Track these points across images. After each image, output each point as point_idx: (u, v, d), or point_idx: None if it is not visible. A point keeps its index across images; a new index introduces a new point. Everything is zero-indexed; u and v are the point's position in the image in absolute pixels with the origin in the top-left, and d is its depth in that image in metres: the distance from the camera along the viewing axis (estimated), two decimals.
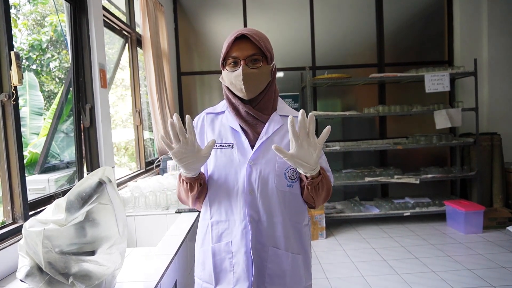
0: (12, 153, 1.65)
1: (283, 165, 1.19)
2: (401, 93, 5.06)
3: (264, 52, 1.19)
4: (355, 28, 5.04)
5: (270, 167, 1.18)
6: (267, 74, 1.21)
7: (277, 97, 1.29)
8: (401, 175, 4.46)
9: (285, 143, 1.20)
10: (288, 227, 1.20)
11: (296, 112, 1.24)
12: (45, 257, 1.08)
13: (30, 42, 5.31)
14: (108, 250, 1.17)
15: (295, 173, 1.19)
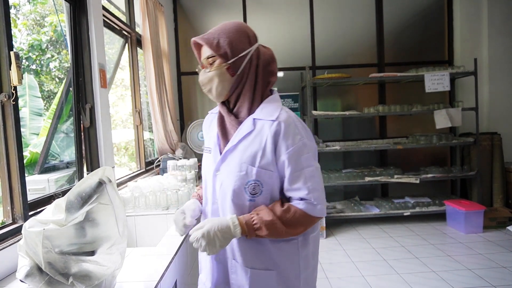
0: (12, 153, 1.65)
1: (243, 179, 1.08)
2: (401, 93, 5.05)
3: (218, 50, 1.08)
4: (355, 27, 5.03)
5: (230, 179, 1.09)
6: (224, 73, 1.10)
7: (257, 98, 1.13)
8: (401, 175, 4.46)
9: (249, 153, 1.07)
10: (247, 243, 1.10)
11: (274, 114, 1.08)
12: (45, 257, 1.08)
13: (30, 42, 5.31)
14: (108, 250, 1.17)
15: (257, 188, 1.07)
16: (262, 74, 1.11)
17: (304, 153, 1.05)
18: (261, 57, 1.12)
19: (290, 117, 1.08)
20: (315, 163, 1.08)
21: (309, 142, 1.09)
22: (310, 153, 1.07)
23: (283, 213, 1.03)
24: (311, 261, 1.16)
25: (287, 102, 4.72)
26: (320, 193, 1.07)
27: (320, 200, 1.06)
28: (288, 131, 1.05)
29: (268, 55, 1.15)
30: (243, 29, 1.11)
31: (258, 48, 1.13)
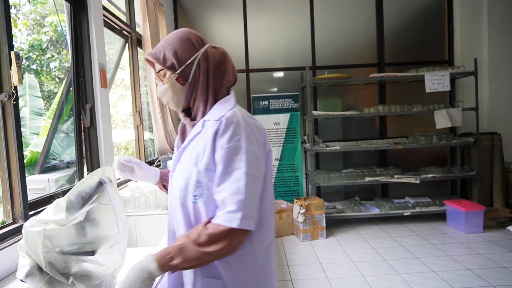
0: (12, 153, 1.65)
1: (188, 179, 1.04)
2: (401, 93, 5.05)
3: (165, 63, 1.08)
4: (355, 28, 5.03)
5: (178, 180, 1.07)
6: (175, 84, 1.09)
7: (211, 100, 1.09)
8: (401, 175, 4.46)
9: (194, 153, 1.05)
10: None
11: (220, 114, 1.04)
12: (45, 257, 1.08)
13: (30, 42, 5.31)
14: (109, 250, 1.18)
15: (198, 190, 1.02)
16: (213, 76, 1.09)
17: (239, 154, 0.97)
18: (210, 59, 1.09)
19: (235, 116, 1.02)
20: (248, 168, 0.96)
21: (249, 146, 0.98)
22: (244, 155, 0.97)
23: (197, 234, 0.95)
24: (260, 271, 1.07)
25: (287, 102, 4.73)
26: (244, 199, 0.94)
27: (242, 207, 0.94)
28: (227, 130, 0.99)
29: (218, 55, 1.11)
30: (186, 36, 1.09)
31: (206, 51, 1.10)
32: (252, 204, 0.97)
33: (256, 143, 1.02)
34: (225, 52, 1.14)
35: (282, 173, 4.75)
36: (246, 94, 5.01)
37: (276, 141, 4.74)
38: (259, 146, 1.04)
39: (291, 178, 4.75)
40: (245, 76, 5.00)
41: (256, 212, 0.99)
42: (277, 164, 4.75)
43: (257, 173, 1.00)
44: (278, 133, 4.73)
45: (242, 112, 1.07)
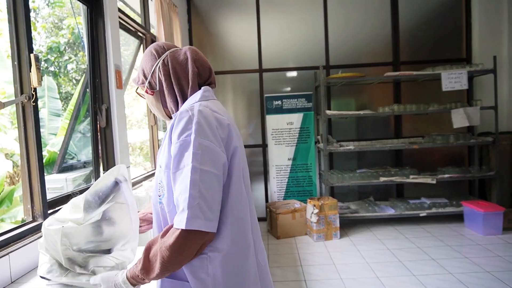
0: (32, 153, 1.70)
1: (157, 177, 1.04)
2: (417, 92, 4.97)
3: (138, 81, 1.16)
4: (369, 26, 4.98)
5: (155, 176, 1.08)
6: (148, 96, 1.15)
7: (181, 100, 1.09)
8: (417, 175, 4.39)
9: (162, 148, 1.04)
10: None
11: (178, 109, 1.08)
12: (64, 253, 1.11)
13: (49, 45, 5.44)
14: (122, 247, 1.20)
15: (161, 189, 1.00)
16: (176, 77, 1.09)
17: (188, 150, 0.91)
18: (171, 62, 1.09)
19: (190, 111, 0.96)
20: (196, 163, 0.89)
21: (200, 140, 0.91)
22: (193, 151, 0.90)
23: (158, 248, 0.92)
24: (226, 281, 0.99)
25: (300, 102, 4.71)
26: (190, 197, 0.88)
27: (188, 205, 0.87)
28: (178, 124, 0.95)
29: (181, 55, 1.10)
30: (148, 50, 1.15)
31: (168, 56, 1.10)
32: (205, 203, 0.89)
33: (212, 136, 0.94)
34: (188, 49, 1.11)
35: (296, 173, 4.73)
36: (259, 94, 5.01)
37: (290, 141, 4.73)
38: (217, 140, 0.95)
39: (305, 178, 4.74)
40: (258, 76, 5.01)
41: (212, 212, 0.91)
42: (291, 164, 4.74)
43: (211, 169, 0.91)
44: (291, 132, 4.72)
45: (205, 106, 1.00)
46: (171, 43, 1.18)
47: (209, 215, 0.90)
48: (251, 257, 1.04)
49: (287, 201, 4.58)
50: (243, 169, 1.05)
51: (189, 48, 1.14)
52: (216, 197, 0.93)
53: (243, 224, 1.01)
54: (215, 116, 0.99)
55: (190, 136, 0.92)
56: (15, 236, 1.54)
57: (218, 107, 1.05)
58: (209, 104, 1.03)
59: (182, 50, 1.13)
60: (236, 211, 0.99)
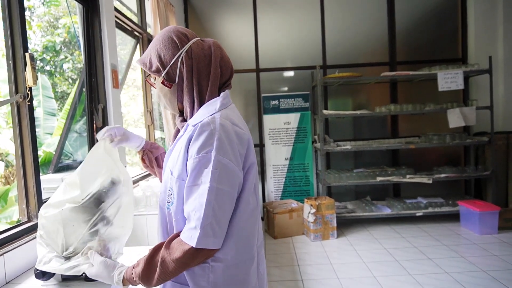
0: (27, 153, 1.68)
1: (167, 183, 1.01)
2: (414, 92, 4.99)
3: (151, 68, 1.04)
4: (366, 26, 4.99)
5: (164, 180, 1.04)
6: (163, 87, 1.05)
7: (197, 102, 1.02)
8: (413, 175, 4.40)
9: (172, 159, 1.01)
10: None
11: (199, 119, 0.97)
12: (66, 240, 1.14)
13: (44, 44, 5.40)
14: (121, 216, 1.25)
15: (170, 196, 0.98)
16: (198, 74, 1.01)
17: (207, 167, 0.90)
18: (195, 55, 1.01)
19: (211, 124, 0.93)
20: (213, 183, 0.89)
21: (220, 158, 0.90)
22: (212, 169, 0.89)
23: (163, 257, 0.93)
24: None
25: (297, 102, 4.71)
26: (204, 217, 0.88)
27: (201, 225, 0.88)
28: (198, 138, 0.92)
29: (205, 49, 1.03)
30: (168, 35, 1.03)
31: (191, 47, 1.01)
32: (216, 222, 0.90)
33: (232, 154, 0.93)
34: (213, 45, 1.04)
35: (293, 173, 4.73)
36: (256, 93, 5.01)
37: (287, 140, 4.73)
38: (236, 158, 0.94)
39: (302, 178, 4.74)
40: (255, 75, 5.00)
41: (221, 229, 0.92)
42: (288, 164, 4.74)
43: (226, 188, 0.91)
44: (288, 132, 4.72)
45: (225, 117, 0.97)
46: (190, 30, 1.07)
47: (218, 233, 0.91)
48: (253, 268, 1.03)
49: (284, 200, 4.57)
50: (255, 182, 1.04)
51: (214, 42, 1.05)
52: (226, 215, 0.94)
53: (248, 235, 1.00)
54: (235, 130, 0.97)
55: (211, 152, 0.90)
56: (10, 236, 1.52)
57: (236, 117, 1.03)
58: (229, 115, 1.00)
59: (206, 44, 1.05)
60: (243, 223, 0.98)
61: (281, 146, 4.73)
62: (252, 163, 1.00)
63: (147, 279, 0.95)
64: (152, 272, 0.94)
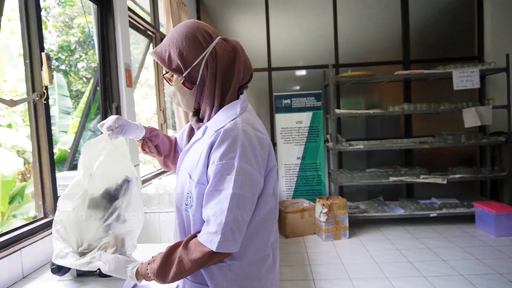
0: (44, 151, 1.71)
1: (184, 185, 1.00)
2: (428, 91, 4.92)
3: (170, 66, 1.00)
4: (379, 24, 4.93)
5: (179, 182, 1.05)
6: (182, 87, 1.02)
7: (217, 104, 1.00)
8: (427, 175, 4.34)
9: (190, 161, 1.00)
10: None
11: (221, 124, 0.96)
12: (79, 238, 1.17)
13: (60, 43, 5.50)
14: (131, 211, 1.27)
15: (189, 199, 0.98)
16: (221, 78, 0.99)
17: (230, 174, 0.90)
18: (219, 57, 0.99)
19: (234, 130, 0.93)
20: (236, 190, 0.89)
21: (243, 165, 0.90)
22: (235, 176, 0.90)
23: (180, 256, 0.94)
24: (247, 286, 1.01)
25: (310, 101, 4.69)
26: (225, 223, 0.89)
27: (221, 230, 0.89)
28: (221, 144, 0.92)
29: (229, 51, 1.01)
30: (192, 34, 0.98)
31: (215, 48, 0.99)
32: (236, 227, 0.91)
33: (254, 160, 0.93)
34: (237, 46, 1.02)
35: (304, 172, 4.71)
36: (268, 92, 5.00)
37: (299, 139, 4.71)
38: (258, 164, 0.94)
39: (314, 177, 4.72)
40: (267, 74, 4.99)
41: (240, 234, 0.93)
42: (299, 163, 4.72)
43: (248, 194, 0.92)
44: (300, 131, 4.70)
45: (247, 122, 0.97)
46: (212, 28, 1.03)
47: (238, 237, 0.93)
48: (268, 265, 1.04)
49: (296, 200, 4.56)
50: (274, 184, 1.04)
51: (238, 43, 1.03)
52: (246, 219, 0.95)
53: (265, 235, 1.02)
54: (257, 135, 0.97)
55: (234, 159, 0.91)
56: (27, 232, 1.55)
57: (256, 120, 1.03)
58: (249, 119, 0.99)
59: (229, 45, 1.02)
60: (261, 224, 0.99)
61: (293, 145, 4.72)
62: (273, 166, 1.01)
63: (162, 275, 0.96)
64: (168, 270, 0.95)
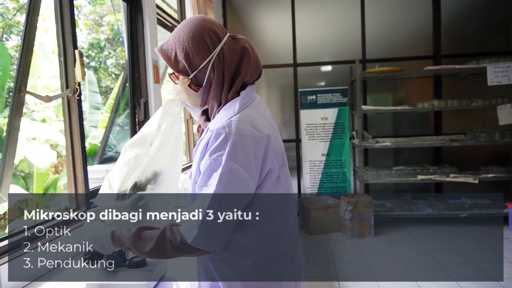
0: (76, 145, 1.78)
1: (193, 185, 1.00)
2: (459, 87, 4.73)
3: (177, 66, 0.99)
4: (409, 17, 4.78)
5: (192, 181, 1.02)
6: (188, 88, 1.00)
7: (222, 103, 0.99)
8: (457, 174, 4.19)
9: (194, 164, 0.99)
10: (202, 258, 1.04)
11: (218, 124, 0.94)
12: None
13: (90, 41, 5.67)
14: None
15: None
16: (228, 80, 0.98)
17: (216, 171, 0.89)
18: (227, 58, 0.97)
19: (227, 127, 0.91)
20: (219, 188, 0.89)
21: (231, 164, 0.89)
22: (220, 174, 0.89)
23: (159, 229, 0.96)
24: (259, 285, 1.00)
25: (335, 97, 4.62)
26: (203, 219, 0.89)
27: (199, 225, 0.89)
28: (213, 142, 0.91)
29: (237, 52, 0.99)
30: (199, 34, 0.96)
31: (222, 49, 0.97)
32: (214, 225, 0.89)
33: (244, 159, 0.90)
34: (246, 46, 1.00)
35: (329, 169, 4.67)
36: (293, 88, 4.97)
37: (324, 136, 4.67)
38: (248, 163, 0.91)
39: (338, 174, 4.66)
40: (292, 70, 4.96)
41: (219, 234, 0.91)
42: (324, 160, 4.68)
43: (232, 194, 0.90)
44: (325, 128, 4.65)
45: (244, 120, 0.93)
46: (217, 22, 1.02)
47: (215, 238, 0.91)
48: (286, 264, 1.02)
49: (320, 197, 4.53)
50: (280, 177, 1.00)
51: (246, 42, 1.01)
52: (230, 222, 0.92)
53: (275, 232, 0.99)
54: (253, 134, 0.93)
55: (222, 157, 0.90)
56: (60, 223, 1.62)
57: (258, 116, 0.98)
58: (250, 116, 0.96)
59: (238, 44, 1.00)
60: (269, 220, 0.97)
61: (317, 142, 4.67)
62: (272, 167, 0.96)
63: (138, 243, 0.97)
64: (146, 242, 0.95)
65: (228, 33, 1.02)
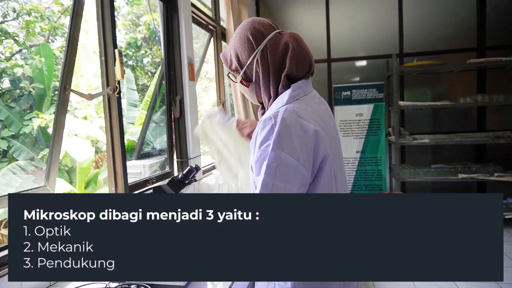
0: (116, 141, 1.85)
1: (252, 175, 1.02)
2: (505, 80, 4.45)
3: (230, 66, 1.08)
4: (451, 8, 4.55)
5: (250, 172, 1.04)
6: (241, 86, 1.09)
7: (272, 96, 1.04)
8: (502, 173, 3.96)
9: (251, 150, 1.02)
10: None
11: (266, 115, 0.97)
12: None
13: (127, 40, 5.86)
14: None
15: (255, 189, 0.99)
16: (274, 74, 1.02)
17: (266, 161, 0.92)
18: (270, 55, 1.01)
19: (274, 118, 0.93)
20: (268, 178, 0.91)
21: (279, 153, 0.91)
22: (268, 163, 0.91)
23: None
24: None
25: (371, 92, 4.50)
26: None
27: None
28: (261, 133, 0.94)
29: (281, 46, 1.01)
30: (244, 34, 1.03)
31: (266, 45, 1.01)
32: None
33: (291, 148, 0.91)
34: (290, 39, 1.02)
35: (364, 166, 4.56)
36: (327, 84, 4.89)
37: (358, 133, 4.56)
38: (295, 152, 0.91)
39: (374, 172, 4.54)
40: (326, 65, 4.88)
41: None
42: (359, 157, 4.57)
43: (280, 183, 0.91)
44: (360, 124, 4.54)
45: (291, 111, 0.95)
46: (266, 21, 1.05)
47: None
48: None
49: None
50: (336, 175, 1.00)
51: (291, 36, 1.03)
52: None
53: None
54: (300, 123, 0.93)
55: (269, 147, 0.92)
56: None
57: (307, 108, 0.99)
58: (297, 107, 0.96)
59: (282, 39, 1.03)
60: None
61: (352, 139, 4.58)
62: (326, 155, 0.95)
63: None
64: None
65: (277, 30, 1.05)
